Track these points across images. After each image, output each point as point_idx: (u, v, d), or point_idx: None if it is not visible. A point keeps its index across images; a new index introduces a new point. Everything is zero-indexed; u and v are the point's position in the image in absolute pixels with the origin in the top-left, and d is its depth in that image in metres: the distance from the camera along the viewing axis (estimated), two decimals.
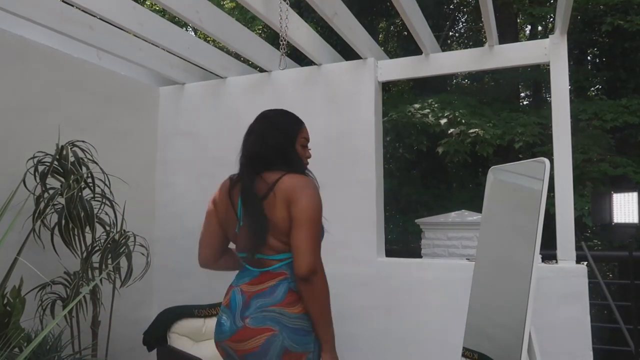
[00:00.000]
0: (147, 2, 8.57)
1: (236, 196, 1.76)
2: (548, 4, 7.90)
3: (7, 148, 2.71)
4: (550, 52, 2.89)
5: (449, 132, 6.57)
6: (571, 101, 2.88)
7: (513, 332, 1.97)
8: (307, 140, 1.89)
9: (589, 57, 9.62)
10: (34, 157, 2.63)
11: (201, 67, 3.65)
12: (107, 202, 2.75)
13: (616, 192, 4.21)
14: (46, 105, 2.94)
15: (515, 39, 8.62)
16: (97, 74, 3.32)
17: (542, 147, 6.40)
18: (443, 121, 6.54)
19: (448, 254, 5.08)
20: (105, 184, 2.78)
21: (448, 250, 5.11)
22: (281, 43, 2.62)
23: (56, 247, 2.59)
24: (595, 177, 6.32)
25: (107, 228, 2.76)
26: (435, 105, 6.88)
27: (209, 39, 7.26)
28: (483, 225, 2.54)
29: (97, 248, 2.69)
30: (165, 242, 3.65)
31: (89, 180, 2.69)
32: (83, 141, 2.78)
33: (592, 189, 6.09)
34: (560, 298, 2.65)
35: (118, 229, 2.77)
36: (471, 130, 6.34)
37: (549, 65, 2.90)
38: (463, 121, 6.53)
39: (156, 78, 3.85)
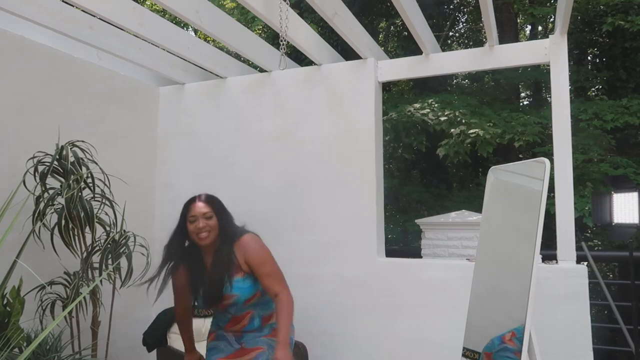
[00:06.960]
0: (147, 2, 8.56)
1: None
2: (548, 4, 7.89)
3: (7, 148, 2.71)
4: (550, 52, 2.89)
5: (450, 132, 6.56)
6: (571, 101, 2.88)
7: None
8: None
9: (589, 57, 9.60)
10: (33, 157, 2.63)
11: (201, 67, 3.65)
12: (107, 202, 2.75)
13: (616, 192, 4.20)
14: (46, 105, 2.94)
15: (515, 39, 8.61)
16: (97, 74, 3.32)
17: (542, 147, 6.40)
18: (443, 118, 6.53)
19: (448, 254, 5.06)
20: (105, 184, 2.78)
21: (448, 250, 5.10)
22: (281, 43, 2.62)
23: (56, 247, 2.59)
24: (596, 177, 6.31)
25: (107, 228, 2.76)
26: (435, 105, 6.87)
27: (209, 39, 7.27)
28: (483, 225, 2.53)
29: (97, 248, 2.69)
30: (165, 242, 3.63)
31: (89, 180, 2.69)
32: (83, 141, 2.78)
33: (593, 189, 6.08)
34: (561, 298, 2.65)
35: (118, 229, 2.76)
36: (471, 131, 6.33)
37: (549, 65, 2.91)
38: (463, 121, 6.52)
39: (156, 78, 3.85)
